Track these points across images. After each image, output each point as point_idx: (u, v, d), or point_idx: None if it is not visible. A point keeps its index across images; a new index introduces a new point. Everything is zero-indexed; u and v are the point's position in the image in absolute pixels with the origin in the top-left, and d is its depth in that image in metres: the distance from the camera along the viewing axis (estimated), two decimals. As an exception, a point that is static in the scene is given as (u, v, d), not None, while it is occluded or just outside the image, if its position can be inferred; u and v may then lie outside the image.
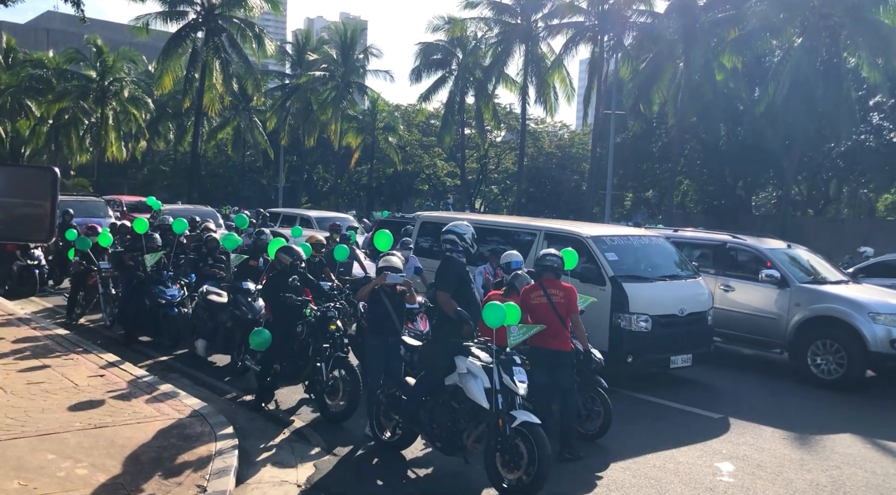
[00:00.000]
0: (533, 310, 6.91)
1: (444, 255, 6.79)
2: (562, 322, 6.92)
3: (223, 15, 31.36)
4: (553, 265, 7.06)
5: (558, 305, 6.92)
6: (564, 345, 6.94)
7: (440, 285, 6.50)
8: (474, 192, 53.65)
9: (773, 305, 10.77)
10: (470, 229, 6.84)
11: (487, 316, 6.10)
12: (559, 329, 6.90)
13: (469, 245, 6.76)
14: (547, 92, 35.18)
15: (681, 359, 9.56)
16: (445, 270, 6.57)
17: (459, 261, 6.68)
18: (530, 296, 6.98)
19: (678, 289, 9.87)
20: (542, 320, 6.84)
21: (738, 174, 39.53)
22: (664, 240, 10.76)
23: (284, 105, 46.32)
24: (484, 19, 35.57)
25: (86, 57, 41.16)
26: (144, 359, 9.98)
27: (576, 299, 7.09)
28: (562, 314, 6.92)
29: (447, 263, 6.67)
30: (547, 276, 7.06)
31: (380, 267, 7.35)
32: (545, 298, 6.93)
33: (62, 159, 46.95)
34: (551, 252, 7.21)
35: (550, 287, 6.99)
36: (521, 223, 11.20)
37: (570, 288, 7.09)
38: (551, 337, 6.84)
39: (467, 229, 6.82)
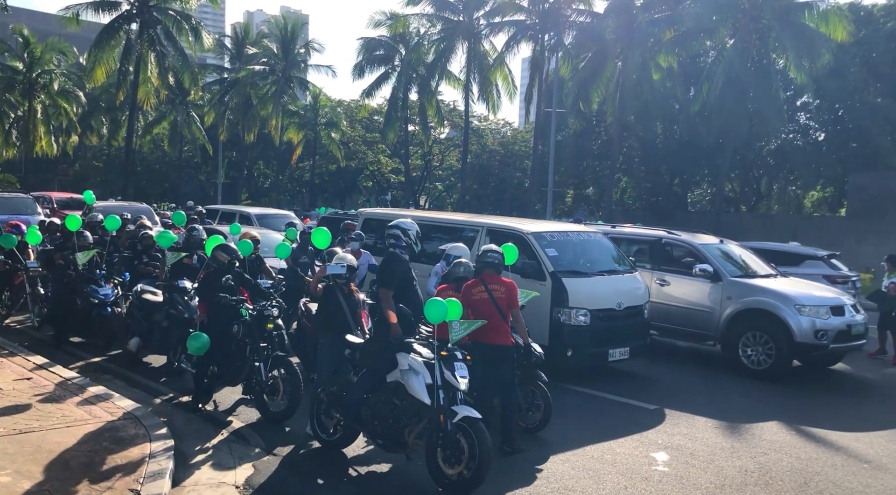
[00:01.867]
0: (474, 306, 6.95)
1: (388, 251, 6.79)
2: (503, 317, 6.99)
3: (158, 6, 30.49)
4: (493, 261, 7.12)
5: (499, 300, 6.99)
6: (505, 339, 7.01)
7: (383, 283, 6.49)
8: (419, 189, 53.62)
9: (706, 299, 11.09)
10: (415, 226, 6.86)
11: (429, 312, 6.11)
12: (500, 324, 6.96)
13: (413, 241, 6.78)
14: (489, 89, 35.40)
15: (619, 352, 9.75)
16: (389, 267, 6.57)
17: (403, 257, 6.68)
18: (471, 292, 7.02)
19: (616, 284, 10.07)
20: (483, 315, 6.88)
21: (674, 171, 40.61)
22: (602, 237, 10.96)
23: (223, 99, 45.34)
24: (426, 16, 35.59)
25: (11, 48, 39.47)
26: (76, 360, 9.66)
27: (516, 294, 7.17)
28: (503, 309, 6.98)
29: (391, 260, 6.66)
30: (488, 272, 7.11)
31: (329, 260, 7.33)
32: (486, 294, 6.98)
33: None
34: (492, 248, 7.26)
35: (491, 282, 7.04)
36: (463, 219, 11.26)
37: (510, 283, 7.16)
38: (492, 331, 6.89)
39: (412, 226, 6.83)
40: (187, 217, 16.56)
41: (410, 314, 6.44)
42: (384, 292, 6.43)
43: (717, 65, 28.32)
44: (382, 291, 6.43)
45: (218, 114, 45.69)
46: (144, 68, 30.36)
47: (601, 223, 18.80)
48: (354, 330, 6.98)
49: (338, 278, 7.15)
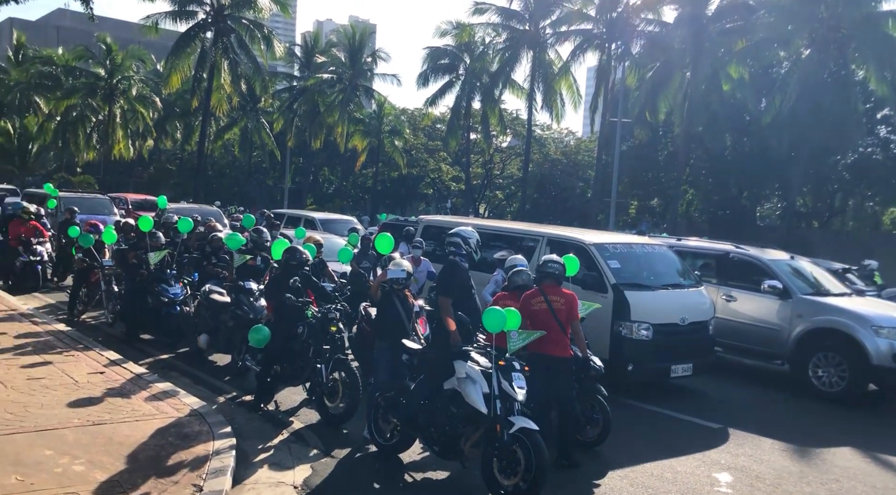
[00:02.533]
0: (533, 316, 6.90)
1: (448, 260, 6.81)
2: (562, 328, 6.92)
3: (232, 16, 31.46)
4: (554, 272, 7.06)
5: (559, 312, 6.92)
6: (564, 351, 6.93)
7: (442, 290, 6.52)
8: (478, 197, 53.65)
9: (775, 316, 10.74)
10: (475, 235, 6.87)
11: (488, 321, 6.10)
12: (559, 335, 6.89)
13: (473, 250, 6.78)
14: (553, 98, 35.17)
15: (681, 368, 9.53)
16: (449, 275, 6.60)
17: (462, 266, 6.69)
18: (531, 302, 6.97)
19: (680, 298, 9.85)
20: (542, 326, 6.83)
21: (743, 184, 39.45)
22: (667, 249, 10.75)
23: (292, 107, 46.39)
24: (492, 25, 35.66)
25: (94, 55, 41.31)
26: (145, 357, 9.99)
27: (577, 306, 7.09)
28: (562, 320, 6.92)
29: (451, 268, 6.69)
30: (548, 283, 7.06)
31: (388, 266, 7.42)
32: (545, 304, 6.92)
33: (69, 156, 47.13)
34: (553, 258, 7.20)
35: (551, 293, 6.98)
36: (524, 229, 11.21)
37: (570, 294, 7.09)
38: (551, 343, 6.83)
39: (472, 234, 6.84)
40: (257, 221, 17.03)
41: (469, 322, 6.44)
42: (443, 300, 6.45)
43: (791, 75, 27.47)
44: (442, 299, 6.46)
45: (286, 120, 46.76)
46: (218, 75, 31.35)
47: (665, 236, 18.38)
48: (411, 335, 7.02)
49: (396, 283, 7.23)
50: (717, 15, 28.41)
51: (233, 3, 31.24)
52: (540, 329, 6.80)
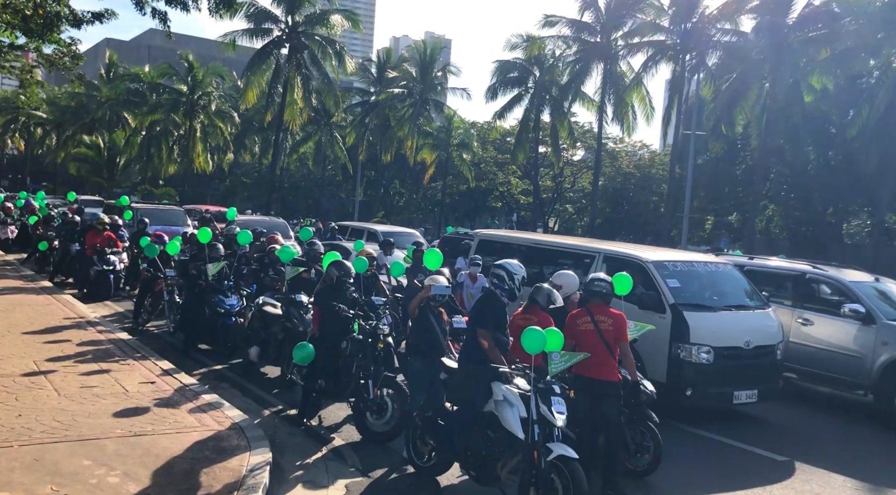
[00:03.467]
0: (579, 337, 6.59)
1: (489, 290, 6.58)
2: (609, 350, 6.58)
3: (306, 32, 32.17)
4: (602, 291, 6.73)
5: (606, 333, 6.58)
6: (611, 374, 6.59)
7: (478, 322, 6.27)
8: (548, 211, 53.06)
9: (856, 343, 10.00)
10: (521, 271, 6.58)
11: (527, 342, 5.84)
12: (606, 357, 6.56)
13: (516, 287, 6.51)
14: (625, 111, 34.46)
15: (745, 395, 8.98)
16: (487, 307, 6.37)
17: (501, 300, 6.45)
18: (577, 322, 6.66)
19: (744, 320, 9.30)
20: (588, 348, 6.52)
21: (827, 200, 37.55)
22: (732, 268, 10.19)
23: (364, 121, 47.16)
24: (562, 37, 35.26)
25: (177, 72, 43.03)
26: (199, 367, 10.12)
27: (625, 327, 6.74)
28: (609, 342, 6.58)
29: (489, 299, 6.46)
30: (595, 302, 6.73)
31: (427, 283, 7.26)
32: (592, 325, 6.59)
33: (153, 169, 49.18)
34: (599, 276, 6.87)
35: (598, 313, 6.66)
36: (580, 244, 10.85)
37: (619, 315, 6.74)
38: (597, 366, 6.51)
39: (518, 270, 6.56)
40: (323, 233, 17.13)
41: (507, 343, 6.19)
42: (481, 332, 6.23)
43: (880, 85, 25.98)
44: (480, 332, 6.23)
45: (358, 134, 47.56)
46: (291, 91, 32.09)
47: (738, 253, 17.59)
48: (447, 353, 6.81)
49: (433, 299, 7.06)
50: (799, 23, 27.21)
51: (306, 20, 31.92)
52: (586, 350, 6.50)
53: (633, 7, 32.24)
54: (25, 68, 27.82)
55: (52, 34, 23.32)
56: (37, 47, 27.30)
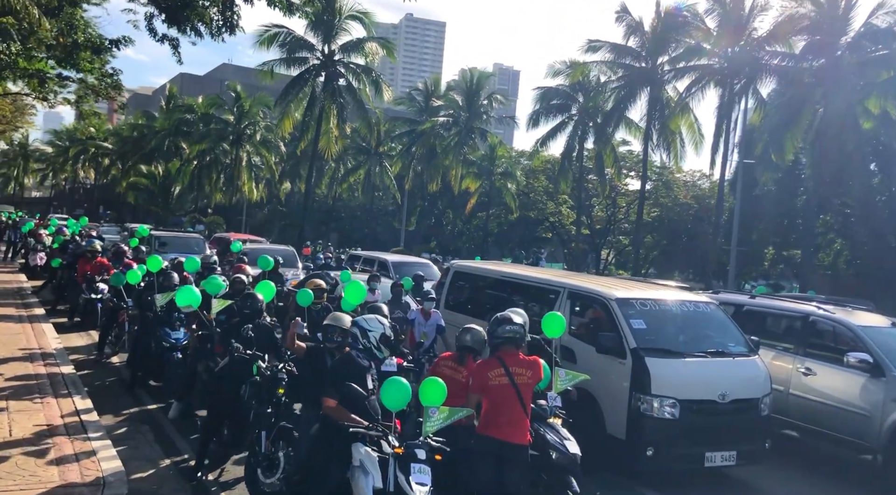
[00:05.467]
0: (490, 392, 5.56)
1: (346, 353, 5.62)
2: (523, 408, 5.55)
3: (342, 61, 32.12)
4: (513, 336, 5.68)
5: (522, 387, 5.55)
6: (521, 436, 5.52)
7: (329, 389, 5.27)
8: (601, 242, 51.35)
9: (862, 398, 8.56)
10: (382, 327, 5.58)
11: (386, 395, 4.89)
12: (519, 416, 5.53)
13: (374, 346, 5.52)
14: (672, 138, 32.93)
15: (720, 457, 7.70)
16: (340, 372, 5.38)
17: (358, 362, 5.44)
18: (487, 375, 5.61)
19: (721, 369, 8.03)
20: (500, 405, 5.51)
21: (901, 234, 34.86)
22: (716, 308, 8.90)
23: (410, 150, 46.95)
24: (606, 63, 34.08)
25: (225, 102, 43.85)
26: (133, 406, 9.47)
27: (541, 374, 5.73)
28: (524, 398, 5.54)
29: (345, 363, 5.47)
30: (507, 349, 5.68)
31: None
32: (507, 378, 5.54)
33: (204, 197, 50.15)
34: (510, 319, 5.80)
35: (513, 363, 5.61)
36: (545, 278, 9.74)
37: (534, 361, 5.73)
38: (508, 425, 5.49)
39: (377, 327, 5.56)
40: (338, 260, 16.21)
41: (364, 396, 5.19)
42: (329, 403, 5.23)
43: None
44: (325, 402, 5.25)
45: (404, 164, 47.36)
46: (327, 119, 31.98)
47: (762, 290, 16.01)
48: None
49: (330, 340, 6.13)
50: (854, 43, 25.36)
51: (342, 48, 31.88)
52: (500, 408, 5.51)
53: (680, 30, 30.89)
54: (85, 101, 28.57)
55: (84, 63, 23.79)
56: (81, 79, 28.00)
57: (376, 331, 5.52)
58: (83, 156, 72.41)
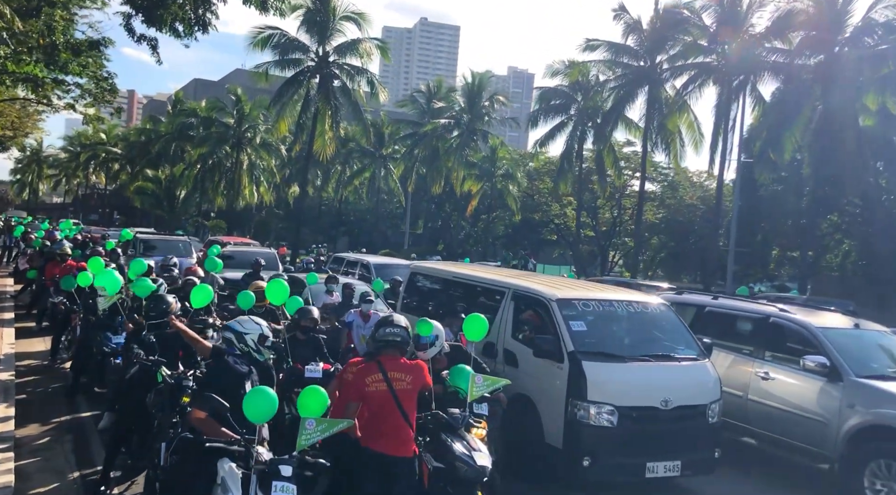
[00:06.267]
0: (368, 400, 5.18)
1: (221, 359, 5.24)
2: (404, 417, 5.15)
3: (336, 62, 31.89)
4: (395, 340, 5.30)
5: (401, 393, 5.16)
6: (404, 449, 5.15)
7: (197, 400, 4.88)
8: (607, 244, 50.72)
9: (818, 404, 8.09)
10: (259, 329, 5.21)
11: (250, 405, 4.51)
12: (399, 427, 5.14)
13: (253, 349, 5.16)
14: (671, 138, 32.35)
15: (663, 467, 7.26)
16: (212, 380, 5.00)
17: (235, 369, 5.06)
18: (364, 381, 5.22)
19: (665, 374, 7.60)
20: (378, 413, 5.14)
21: (907, 234, 33.96)
22: (667, 310, 8.45)
23: (412, 152, 46.66)
24: (605, 62, 33.57)
25: (226, 105, 43.79)
26: (66, 414, 9.18)
27: (426, 377, 5.35)
28: (405, 406, 5.15)
29: (218, 370, 5.09)
30: (389, 354, 5.31)
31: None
32: (385, 384, 5.17)
33: (207, 202, 50.13)
34: (393, 321, 5.43)
35: (392, 368, 5.22)
36: (492, 278, 9.33)
37: (416, 365, 5.33)
38: (386, 437, 5.11)
39: (254, 328, 5.19)
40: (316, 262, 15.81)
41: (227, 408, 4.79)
42: (195, 414, 4.84)
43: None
44: (193, 412, 4.86)
45: (407, 166, 47.07)
46: (322, 121, 31.74)
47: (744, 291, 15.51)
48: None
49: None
50: (852, 38, 24.72)
51: (336, 50, 31.65)
52: (378, 417, 5.13)
53: (677, 28, 30.32)
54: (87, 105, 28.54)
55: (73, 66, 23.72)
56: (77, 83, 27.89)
57: (252, 332, 5.17)
58: (94, 162, 72.91)
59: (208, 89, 79.62)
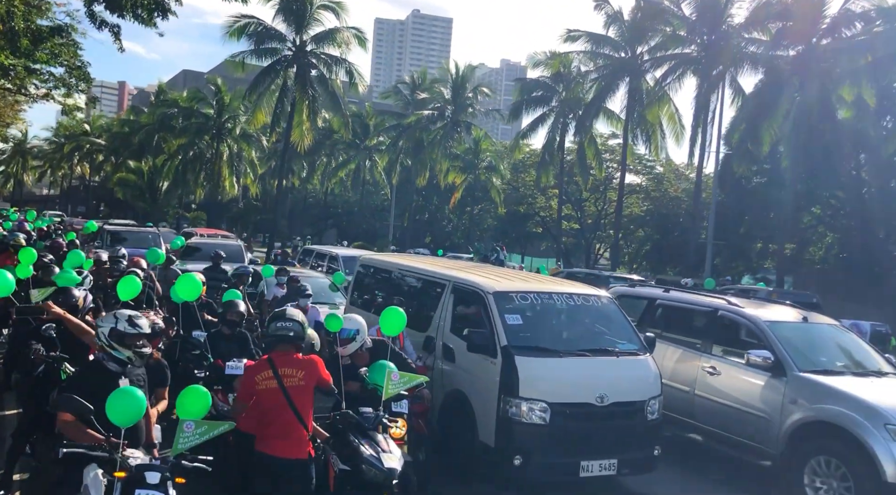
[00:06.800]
0: (259, 398, 4.93)
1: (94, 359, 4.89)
2: (297, 416, 4.88)
3: (314, 52, 31.51)
4: (286, 335, 5.04)
5: (293, 391, 4.89)
6: (297, 450, 4.88)
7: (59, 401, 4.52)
8: (592, 237, 50.55)
9: (763, 399, 7.88)
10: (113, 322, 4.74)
11: (111, 408, 4.16)
12: (290, 426, 4.86)
13: (105, 344, 4.71)
14: (652, 130, 32.14)
15: (598, 466, 7.03)
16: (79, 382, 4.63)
17: (108, 368, 4.68)
18: (254, 379, 4.96)
19: (602, 369, 7.36)
20: (269, 412, 4.88)
21: (890, 228, 33.85)
22: (609, 302, 8.20)
23: (397, 144, 46.32)
24: (587, 53, 33.30)
25: (206, 96, 43.31)
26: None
27: (322, 373, 5.07)
28: (297, 404, 4.88)
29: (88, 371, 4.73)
30: (281, 349, 5.04)
31: None
32: (275, 381, 4.91)
33: (188, 193, 49.65)
34: (285, 315, 5.17)
35: (283, 364, 4.96)
36: (435, 271, 9.06)
37: (310, 361, 5.05)
38: (278, 438, 4.84)
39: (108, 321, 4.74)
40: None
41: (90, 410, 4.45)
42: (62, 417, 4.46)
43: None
44: (60, 416, 4.48)
45: (391, 158, 46.72)
46: (299, 112, 31.37)
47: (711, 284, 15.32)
48: None
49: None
50: (830, 28, 24.52)
51: (314, 39, 31.27)
52: (269, 416, 4.87)
53: (657, 18, 30.07)
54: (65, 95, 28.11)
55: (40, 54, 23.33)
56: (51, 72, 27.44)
57: (104, 326, 4.75)
58: (77, 153, 72.17)
59: (197, 80, 78.84)
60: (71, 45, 25.71)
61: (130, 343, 4.60)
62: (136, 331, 4.63)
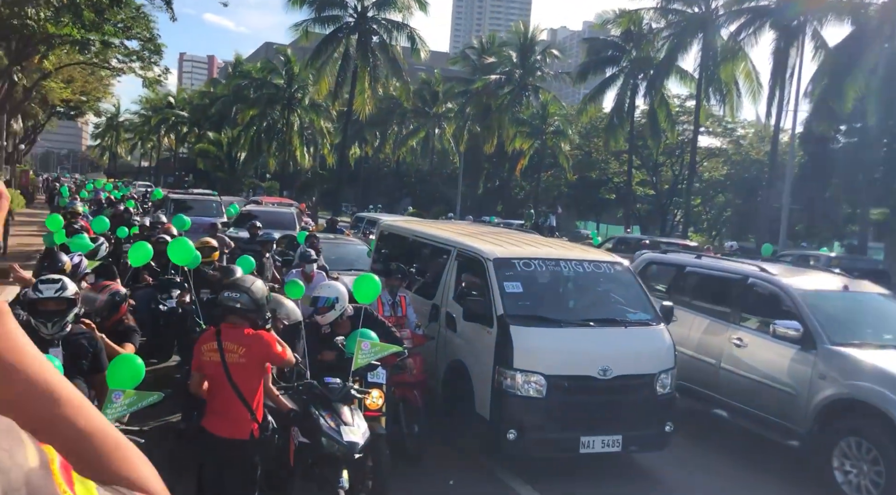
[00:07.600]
0: (205, 371, 4.74)
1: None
2: (237, 393, 4.59)
3: (375, 18, 31.30)
4: (233, 306, 4.79)
5: (234, 367, 4.60)
6: (235, 429, 4.60)
7: None
8: (668, 203, 48.74)
9: (790, 374, 7.24)
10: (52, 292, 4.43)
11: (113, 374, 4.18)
12: (229, 403, 4.58)
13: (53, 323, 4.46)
14: (728, 89, 30.41)
15: (600, 442, 6.61)
16: None
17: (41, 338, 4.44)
18: (201, 349, 4.74)
19: (606, 340, 6.90)
20: (212, 388, 4.69)
21: None
22: (623, 270, 7.67)
23: (464, 111, 45.76)
24: (658, 9, 31.70)
25: (276, 67, 43.87)
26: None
27: (271, 349, 4.80)
28: (237, 381, 4.61)
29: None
30: (231, 321, 4.80)
31: None
32: (218, 354, 4.65)
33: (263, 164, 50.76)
34: (236, 284, 4.95)
35: (228, 338, 4.66)
36: (441, 236, 8.70)
37: (257, 336, 4.74)
38: (216, 415, 4.65)
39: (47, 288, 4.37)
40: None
41: None
42: None
43: None
44: None
45: (458, 125, 46.24)
46: (361, 80, 31.32)
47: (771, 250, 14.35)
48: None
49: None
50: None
51: (375, 4, 31.03)
52: (210, 392, 4.72)
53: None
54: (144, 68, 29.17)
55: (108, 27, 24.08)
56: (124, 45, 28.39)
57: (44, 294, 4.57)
58: (164, 125, 74.97)
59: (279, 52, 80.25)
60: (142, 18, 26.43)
61: (43, 309, 4.41)
62: (37, 296, 4.31)
